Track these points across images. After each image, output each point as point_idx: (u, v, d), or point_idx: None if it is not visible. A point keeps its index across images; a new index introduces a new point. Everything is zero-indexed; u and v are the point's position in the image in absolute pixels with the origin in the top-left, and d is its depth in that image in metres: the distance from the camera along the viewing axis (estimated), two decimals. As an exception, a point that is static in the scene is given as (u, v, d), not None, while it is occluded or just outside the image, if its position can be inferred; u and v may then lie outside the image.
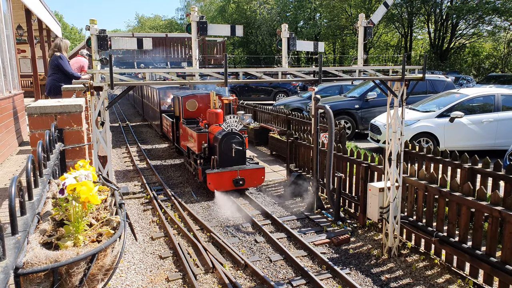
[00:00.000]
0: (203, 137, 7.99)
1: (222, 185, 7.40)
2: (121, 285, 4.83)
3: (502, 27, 29.10)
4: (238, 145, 7.53)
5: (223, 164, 7.53)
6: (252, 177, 7.63)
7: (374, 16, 4.86)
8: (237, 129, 7.56)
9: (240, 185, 7.48)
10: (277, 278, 4.89)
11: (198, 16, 3.89)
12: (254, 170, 7.67)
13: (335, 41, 38.74)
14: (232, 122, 7.50)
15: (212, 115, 8.37)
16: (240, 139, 7.59)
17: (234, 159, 7.59)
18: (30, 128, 2.32)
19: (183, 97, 9.34)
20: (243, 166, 7.67)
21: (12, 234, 1.12)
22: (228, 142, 7.48)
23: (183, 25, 50.16)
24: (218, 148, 7.51)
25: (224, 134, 7.48)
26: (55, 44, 6.91)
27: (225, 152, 7.50)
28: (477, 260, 4.50)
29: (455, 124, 9.32)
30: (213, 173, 7.31)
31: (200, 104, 9.41)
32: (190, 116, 9.33)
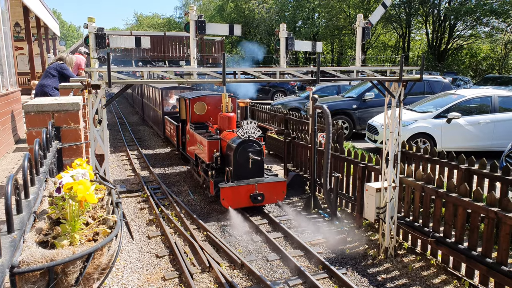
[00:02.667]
0: (215, 145, 7.12)
1: (238, 201, 6.50)
2: (117, 284, 4.82)
3: (500, 28, 29.22)
4: (255, 154, 6.62)
5: (238, 176, 6.65)
6: (272, 191, 6.71)
7: (372, 16, 4.87)
8: (254, 136, 6.66)
9: (258, 201, 6.54)
10: (274, 278, 4.90)
11: (197, 15, 3.89)
12: (274, 184, 6.73)
13: (333, 41, 38.79)
14: (249, 128, 6.60)
15: (224, 120, 7.56)
16: (258, 147, 6.69)
17: (251, 170, 6.70)
18: (27, 126, 2.31)
19: (190, 99, 8.44)
20: (261, 179, 6.77)
21: (8, 233, 1.12)
22: (244, 151, 6.61)
23: (182, 24, 50.10)
24: (232, 158, 6.62)
25: (240, 142, 6.58)
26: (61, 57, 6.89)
27: (241, 162, 6.62)
28: (473, 261, 4.52)
29: (452, 125, 9.35)
30: (228, 187, 6.43)
31: (209, 107, 8.55)
32: (198, 120, 8.46)
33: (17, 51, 13.10)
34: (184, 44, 20.35)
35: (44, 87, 6.45)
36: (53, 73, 6.59)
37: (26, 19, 9.23)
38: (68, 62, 6.85)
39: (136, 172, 9.38)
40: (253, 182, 6.60)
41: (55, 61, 6.89)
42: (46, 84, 6.48)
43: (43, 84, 6.50)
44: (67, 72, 6.66)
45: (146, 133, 14.86)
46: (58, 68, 6.61)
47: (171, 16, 61.12)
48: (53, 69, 6.62)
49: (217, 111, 8.20)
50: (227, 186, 6.44)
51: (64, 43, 23.74)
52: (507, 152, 6.88)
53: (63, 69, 6.62)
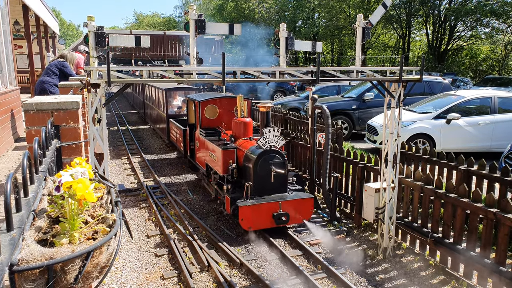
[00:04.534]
0: (230, 155, 6.30)
1: (259, 222, 5.67)
2: (116, 283, 4.82)
3: (500, 29, 29.23)
4: (279, 167, 5.77)
5: (258, 192, 5.81)
6: (298, 210, 5.85)
7: (372, 16, 4.87)
8: (277, 146, 5.82)
9: (282, 221, 5.71)
10: (272, 277, 4.90)
11: (197, 14, 3.89)
12: (300, 201, 5.88)
13: (333, 41, 38.79)
14: (271, 137, 5.71)
15: (239, 126, 6.69)
16: (281, 159, 5.86)
17: (272, 185, 5.85)
18: (26, 125, 2.31)
19: (201, 102, 7.54)
20: (285, 195, 5.93)
21: (7, 231, 1.12)
22: (265, 163, 5.76)
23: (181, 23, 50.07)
24: (252, 171, 5.78)
25: (260, 152, 5.75)
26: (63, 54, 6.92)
27: (262, 176, 5.78)
28: (472, 261, 4.52)
29: (451, 126, 9.36)
30: (248, 206, 5.56)
31: (221, 110, 7.71)
32: (208, 125, 7.62)
33: (17, 49, 13.10)
34: (184, 43, 20.34)
35: (44, 83, 6.47)
36: (54, 70, 6.59)
37: (26, 18, 9.22)
38: (69, 59, 6.85)
39: (136, 172, 9.38)
40: (276, 199, 5.76)
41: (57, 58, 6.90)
42: (46, 80, 6.50)
43: (43, 80, 6.52)
44: (68, 70, 6.66)
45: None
46: (59, 66, 6.62)
47: (171, 15, 61.12)
48: (54, 66, 6.64)
49: (230, 115, 7.52)
50: (246, 204, 5.56)
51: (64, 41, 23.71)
52: (506, 153, 6.88)
53: (64, 67, 6.62)
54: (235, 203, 5.67)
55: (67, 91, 5.16)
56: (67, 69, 6.66)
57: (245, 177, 6.10)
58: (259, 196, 5.80)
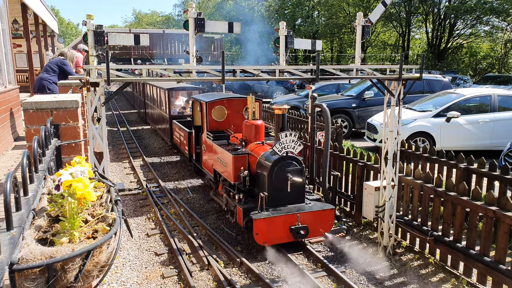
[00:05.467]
0: (241, 161, 5.75)
1: (275, 236, 5.14)
2: (116, 281, 4.83)
3: (499, 27, 29.22)
4: (296, 175, 5.28)
5: (273, 202, 5.29)
6: (317, 222, 5.30)
7: (372, 15, 4.86)
8: (294, 151, 5.32)
9: (301, 236, 5.17)
10: (272, 276, 4.91)
11: (196, 13, 3.88)
12: (320, 213, 5.33)
13: (333, 39, 38.75)
14: (288, 142, 5.20)
15: (251, 129, 6.15)
16: (299, 166, 5.36)
17: (289, 196, 5.34)
18: (26, 124, 2.30)
19: (208, 103, 6.97)
20: (302, 205, 5.42)
21: (7, 230, 1.12)
22: (281, 171, 5.25)
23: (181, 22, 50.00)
24: (267, 180, 5.27)
25: (276, 159, 5.23)
26: (63, 52, 6.94)
27: (277, 185, 5.26)
28: (471, 259, 4.53)
29: (451, 124, 9.36)
30: (263, 218, 5.02)
31: (229, 111, 7.16)
32: (216, 128, 7.06)
33: (16, 48, 13.07)
34: (183, 41, 20.32)
35: (43, 80, 6.51)
36: (54, 68, 6.62)
37: (24, 16, 9.20)
38: (69, 57, 6.87)
39: (135, 171, 9.38)
40: (294, 211, 5.22)
41: (57, 56, 6.93)
42: (45, 77, 6.53)
43: (42, 77, 6.55)
44: (68, 69, 6.68)
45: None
46: (59, 63, 6.64)
47: (170, 14, 61.04)
48: (54, 64, 6.66)
49: (239, 117, 7.03)
50: (261, 217, 5.03)
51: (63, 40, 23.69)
52: (506, 151, 6.89)
53: (64, 65, 6.65)
54: (249, 215, 5.17)
55: (66, 90, 5.15)
56: (67, 67, 6.67)
57: (258, 186, 5.58)
58: (274, 207, 5.27)
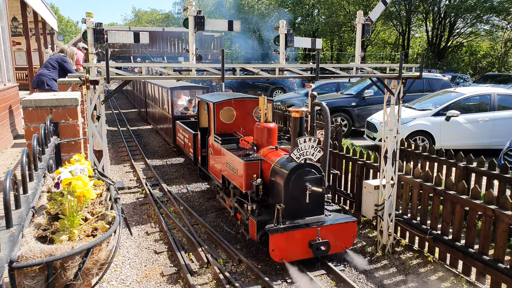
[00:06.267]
0: (254, 168, 5.27)
1: (293, 252, 4.70)
2: (116, 280, 4.83)
3: (500, 26, 29.20)
4: (315, 184, 4.80)
5: (290, 214, 4.85)
6: (338, 236, 4.89)
7: (372, 13, 4.86)
8: (314, 158, 4.86)
9: (321, 252, 4.75)
10: (272, 274, 4.91)
11: (196, 11, 3.88)
12: (342, 226, 4.91)
13: (333, 38, 38.72)
14: (307, 148, 4.75)
15: (263, 132, 5.69)
16: (318, 174, 4.90)
17: (308, 207, 4.89)
18: (25, 121, 2.30)
19: (216, 104, 6.49)
20: (322, 218, 4.99)
21: (7, 228, 1.12)
22: (299, 180, 4.78)
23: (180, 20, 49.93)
24: (283, 189, 4.80)
25: (294, 167, 4.77)
26: (63, 49, 6.96)
27: (294, 195, 4.81)
28: (470, 258, 4.54)
29: (451, 123, 9.36)
30: (280, 233, 4.60)
31: (237, 112, 6.73)
32: (224, 130, 6.62)
33: (15, 46, 13.04)
34: (183, 40, 20.30)
35: (42, 76, 6.54)
36: (54, 64, 6.63)
37: (24, 14, 9.18)
38: (69, 54, 6.88)
39: (135, 169, 9.38)
40: (314, 224, 4.80)
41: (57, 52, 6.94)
42: (45, 73, 6.56)
43: (41, 73, 6.58)
44: (68, 66, 6.69)
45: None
46: (59, 60, 6.65)
47: (169, 12, 60.93)
48: (54, 60, 6.68)
49: (249, 119, 6.63)
50: (278, 231, 4.60)
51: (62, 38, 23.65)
52: (505, 150, 6.89)
53: (64, 62, 6.66)
54: (263, 229, 4.74)
55: (66, 88, 5.15)
56: (67, 64, 6.69)
57: (272, 196, 5.13)
58: (291, 219, 4.82)
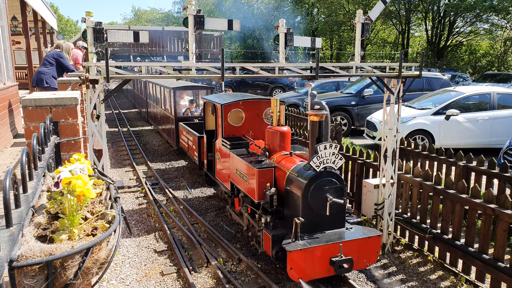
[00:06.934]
0: (267, 176, 4.85)
1: (313, 270, 4.23)
2: (115, 279, 4.83)
3: (499, 25, 29.19)
4: (336, 195, 4.38)
5: (309, 228, 4.42)
6: (362, 252, 4.39)
7: (372, 12, 4.85)
8: (335, 166, 4.43)
9: (344, 270, 4.27)
10: (271, 273, 4.91)
11: (195, 10, 3.87)
12: (365, 240, 4.41)
13: (333, 37, 38.70)
14: (327, 155, 4.33)
15: (275, 136, 5.29)
16: (340, 184, 4.47)
17: (327, 219, 4.46)
18: (25, 121, 2.30)
19: (224, 105, 6.11)
20: (343, 231, 4.54)
21: (7, 227, 1.12)
22: (319, 191, 4.35)
23: (180, 19, 49.89)
24: (301, 201, 4.36)
25: (313, 176, 4.33)
26: (58, 44, 6.96)
27: (314, 207, 4.37)
28: (470, 257, 4.55)
29: (450, 122, 9.37)
30: (299, 250, 4.12)
31: (246, 115, 6.31)
32: (232, 133, 6.23)
33: (15, 45, 13.02)
34: (183, 39, 20.28)
35: (41, 74, 6.55)
36: (51, 61, 6.64)
37: (24, 13, 9.16)
38: (65, 49, 6.88)
39: (135, 168, 9.38)
40: (335, 239, 4.33)
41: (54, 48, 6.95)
42: (44, 71, 6.57)
43: (41, 71, 6.59)
44: (64, 62, 6.69)
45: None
46: (55, 56, 6.66)
47: (169, 11, 60.87)
48: (51, 56, 6.69)
49: (258, 121, 6.29)
50: (297, 248, 4.12)
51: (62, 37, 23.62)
52: (505, 149, 6.90)
53: (60, 57, 6.66)
54: (280, 244, 4.32)
55: (65, 87, 5.15)
56: (63, 60, 6.69)
57: (288, 207, 4.70)
58: (310, 233, 4.40)
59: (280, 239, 4.41)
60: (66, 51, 6.91)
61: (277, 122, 5.35)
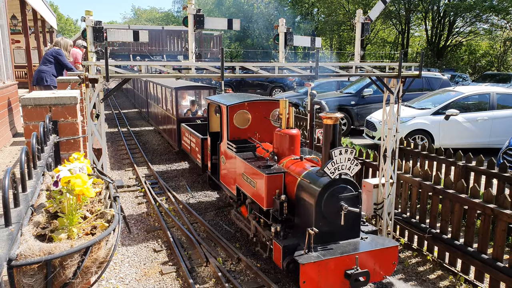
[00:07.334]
0: (277, 182, 4.59)
1: (328, 284, 3.97)
2: (115, 278, 4.83)
3: (499, 25, 29.21)
4: (351, 204, 4.12)
5: (322, 238, 4.14)
6: (378, 263, 4.12)
7: (371, 12, 4.86)
8: (351, 173, 4.16)
9: (360, 284, 3.98)
10: (271, 273, 4.91)
11: (195, 9, 3.87)
12: (382, 251, 4.15)
13: (332, 36, 38.70)
14: (342, 161, 4.05)
15: (284, 140, 5.05)
16: (355, 192, 4.21)
17: (342, 229, 4.19)
18: (24, 120, 2.30)
19: (229, 107, 5.84)
20: (358, 242, 4.27)
21: (6, 226, 1.12)
22: (334, 199, 4.10)
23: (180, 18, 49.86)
24: (314, 209, 4.11)
25: (327, 183, 4.08)
26: (56, 42, 6.96)
27: (328, 217, 4.12)
28: (469, 257, 4.55)
29: (450, 122, 9.37)
30: (313, 263, 3.86)
31: (252, 116, 6.04)
32: (238, 136, 5.98)
33: (14, 44, 13.00)
34: (183, 38, 20.27)
35: (42, 72, 6.58)
36: (50, 59, 6.65)
37: (23, 12, 9.15)
38: (63, 45, 6.87)
39: (134, 167, 9.37)
40: (350, 250, 4.06)
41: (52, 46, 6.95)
42: (44, 70, 6.59)
43: (41, 70, 6.61)
44: (62, 59, 6.69)
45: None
46: (54, 54, 6.66)
47: (169, 10, 60.82)
48: (50, 54, 6.70)
49: (265, 123, 6.04)
50: (311, 260, 3.87)
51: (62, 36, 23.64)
52: (504, 149, 6.90)
53: (58, 55, 6.66)
54: (291, 256, 4.08)
55: (65, 86, 5.14)
56: (61, 57, 6.70)
57: (299, 215, 4.45)
58: (323, 243, 4.14)
59: (291, 250, 4.16)
60: (64, 47, 6.91)
61: (286, 124, 5.09)
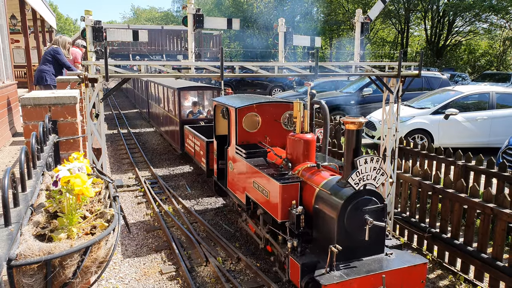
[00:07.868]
0: (292, 192, 4.19)
1: None
2: (114, 278, 4.83)
3: (498, 25, 29.23)
4: (376, 217, 3.74)
5: (344, 254, 3.72)
6: (405, 282, 3.75)
7: (371, 12, 4.86)
8: (376, 183, 3.77)
9: None
10: (270, 272, 4.92)
11: (195, 9, 3.87)
12: (409, 269, 3.76)
13: (332, 36, 38.70)
14: (367, 170, 3.66)
15: (298, 145, 4.62)
16: (380, 204, 3.82)
17: (366, 244, 3.81)
18: (24, 119, 2.30)
19: (238, 109, 5.40)
20: (384, 258, 3.88)
21: (5, 226, 1.12)
22: (357, 212, 3.72)
23: (179, 18, 49.83)
24: (336, 224, 3.74)
25: (350, 195, 3.71)
26: (55, 40, 6.98)
27: (351, 231, 3.74)
28: (469, 256, 4.55)
29: (449, 121, 9.38)
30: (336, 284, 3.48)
31: (262, 119, 5.61)
32: (247, 140, 5.56)
33: (14, 44, 12.99)
34: (182, 38, 20.25)
35: (42, 72, 6.60)
36: (49, 58, 6.67)
37: (22, 12, 9.15)
38: (61, 43, 6.87)
39: (134, 167, 9.37)
40: (376, 269, 3.68)
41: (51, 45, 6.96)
42: (44, 69, 6.61)
43: (41, 69, 6.63)
44: (61, 58, 6.70)
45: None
46: (52, 53, 6.67)
47: (168, 10, 60.78)
48: (49, 53, 6.71)
49: (276, 126, 5.67)
50: (333, 281, 3.48)
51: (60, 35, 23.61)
52: (504, 148, 6.91)
53: (57, 54, 6.67)
54: (311, 275, 3.70)
55: (64, 86, 5.14)
56: (60, 56, 6.71)
57: (317, 229, 4.09)
58: (345, 260, 3.75)
59: (310, 269, 3.78)
60: (63, 45, 6.91)
61: (301, 128, 4.68)
